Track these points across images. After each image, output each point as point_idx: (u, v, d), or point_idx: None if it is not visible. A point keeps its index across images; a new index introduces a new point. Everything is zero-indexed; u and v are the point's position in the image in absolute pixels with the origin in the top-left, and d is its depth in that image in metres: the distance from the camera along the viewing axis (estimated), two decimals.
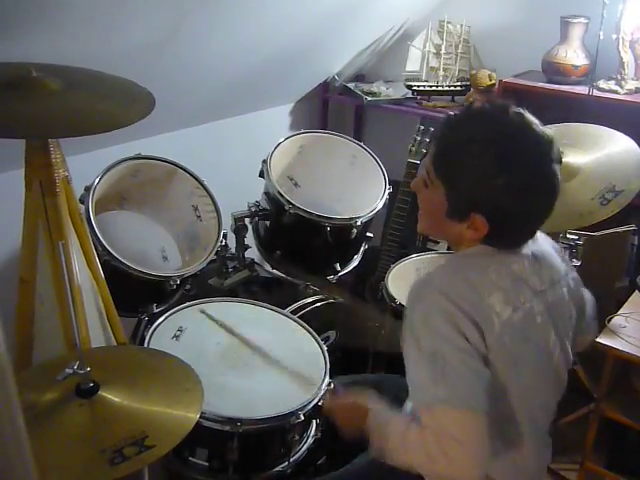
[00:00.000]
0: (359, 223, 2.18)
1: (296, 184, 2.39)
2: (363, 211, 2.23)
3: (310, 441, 1.74)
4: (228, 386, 1.63)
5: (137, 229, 2.12)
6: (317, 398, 1.63)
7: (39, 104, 1.31)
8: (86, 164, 1.94)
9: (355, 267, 2.43)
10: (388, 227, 2.55)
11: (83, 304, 1.52)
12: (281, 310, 1.95)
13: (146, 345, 1.67)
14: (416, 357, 1.16)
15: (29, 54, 1.52)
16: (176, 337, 1.74)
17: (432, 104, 2.88)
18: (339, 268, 2.35)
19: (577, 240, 1.96)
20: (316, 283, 2.31)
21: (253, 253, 2.40)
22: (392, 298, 2.16)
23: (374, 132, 3.37)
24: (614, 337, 1.89)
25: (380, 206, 2.28)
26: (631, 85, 2.40)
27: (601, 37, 2.20)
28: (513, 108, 1.18)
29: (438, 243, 2.88)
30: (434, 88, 2.90)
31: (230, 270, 2.28)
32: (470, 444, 1.09)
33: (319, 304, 2.14)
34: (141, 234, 2.12)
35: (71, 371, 1.22)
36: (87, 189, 1.86)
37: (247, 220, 2.28)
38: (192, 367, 1.39)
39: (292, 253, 2.31)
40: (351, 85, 3.10)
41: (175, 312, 1.83)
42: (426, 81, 2.94)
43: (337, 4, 2.45)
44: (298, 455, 1.70)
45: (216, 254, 2.11)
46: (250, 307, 1.94)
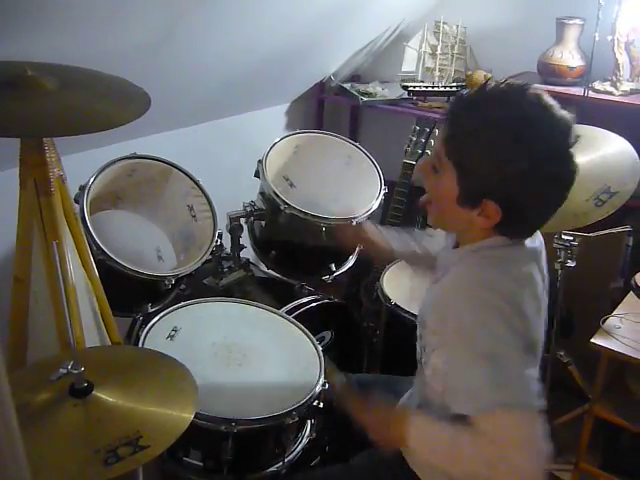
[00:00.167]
0: (355, 223, 2.18)
1: (291, 184, 2.38)
2: (359, 211, 2.23)
3: (305, 441, 1.74)
4: (223, 386, 1.62)
5: (132, 229, 2.11)
6: (312, 398, 1.63)
7: (34, 103, 1.30)
8: (81, 163, 1.93)
9: (350, 267, 2.43)
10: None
11: (77, 303, 1.52)
12: (276, 310, 1.95)
13: (141, 345, 1.66)
14: (470, 361, 1.11)
15: (24, 53, 1.52)
16: (171, 337, 1.74)
17: (428, 105, 2.89)
18: (334, 268, 2.35)
19: (572, 241, 1.97)
20: (311, 283, 2.31)
21: (248, 253, 2.39)
22: (387, 298, 2.17)
23: (370, 132, 3.37)
24: (609, 338, 1.89)
25: (376, 206, 2.28)
26: (626, 86, 2.41)
27: (596, 38, 2.20)
28: (531, 89, 1.12)
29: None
30: (430, 89, 2.90)
31: (225, 270, 2.27)
32: (533, 445, 1.05)
33: (314, 304, 2.14)
34: (136, 234, 2.11)
35: (65, 371, 1.22)
36: (82, 188, 1.85)
37: (242, 220, 2.28)
38: (187, 367, 1.39)
39: (287, 253, 2.31)
40: (347, 85, 3.10)
41: (170, 312, 1.82)
42: (422, 82, 2.94)
43: (333, 4, 2.45)
44: (293, 455, 1.70)
45: (211, 254, 2.11)
46: (245, 307, 1.94)
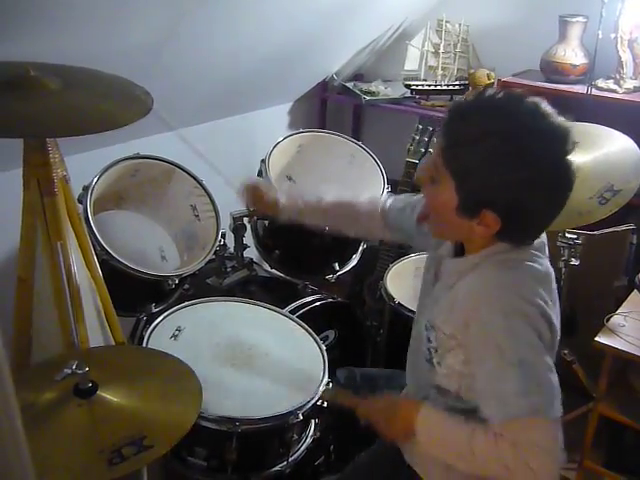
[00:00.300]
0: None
1: (295, 183, 2.38)
2: None
3: (309, 441, 1.74)
4: (227, 386, 1.62)
5: (135, 229, 2.12)
6: (316, 398, 1.63)
7: (37, 103, 1.30)
8: (84, 164, 1.93)
9: (354, 267, 2.43)
10: None
11: (81, 304, 1.52)
12: (280, 309, 1.95)
13: (144, 345, 1.67)
14: (499, 368, 1.11)
15: (27, 53, 1.52)
16: (174, 337, 1.74)
17: (431, 103, 2.88)
18: (338, 268, 2.35)
19: (576, 239, 1.96)
20: (315, 282, 2.31)
21: (252, 252, 2.39)
22: (391, 297, 2.16)
23: (373, 131, 3.36)
24: (613, 336, 1.89)
25: None
26: (629, 84, 2.40)
27: (600, 36, 2.20)
28: (528, 98, 1.12)
29: None
30: (433, 87, 2.90)
31: (229, 270, 2.28)
32: (555, 452, 1.06)
33: (318, 303, 2.14)
34: (139, 234, 2.12)
35: (69, 371, 1.22)
36: (85, 189, 1.86)
37: (246, 219, 2.28)
38: (190, 367, 1.39)
39: (291, 252, 2.31)
40: (350, 84, 3.10)
41: (173, 312, 1.83)
42: (425, 80, 2.94)
43: (336, 3, 2.45)
44: (297, 455, 1.70)
45: (215, 253, 2.11)
46: (248, 307, 1.94)
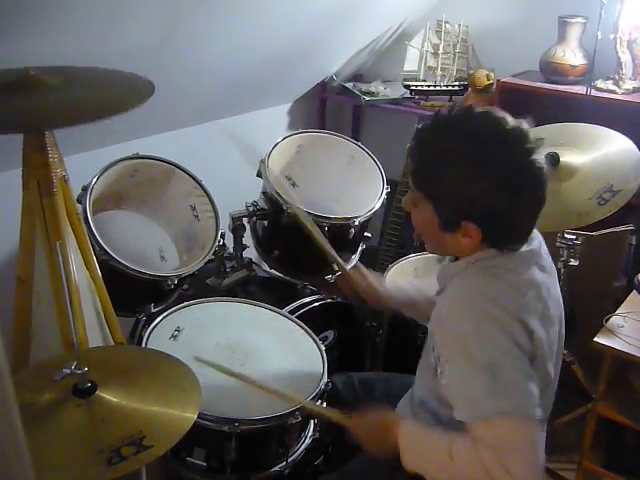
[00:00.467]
0: (357, 223, 2.18)
1: (294, 184, 2.38)
2: (361, 211, 2.23)
3: (308, 441, 1.74)
4: (226, 386, 1.62)
5: (135, 229, 2.12)
6: (315, 398, 1.63)
7: (37, 98, 1.30)
8: (84, 164, 1.93)
9: (353, 267, 2.43)
10: (386, 227, 2.55)
11: (81, 304, 1.52)
12: (279, 310, 1.95)
13: (144, 345, 1.67)
14: (468, 371, 1.15)
15: (28, 54, 1.52)
16: (174, 337, 1.74)
17: (430, 104, 2.88)
18: (337, 268, 2.35)
19: (575, 240, 1.96)
20: (314, 283, 2.31)
21: (251, 253, 2.39)
22: None
23: (372, 132, 3.37)
24: (612, 337, 1.89)
25: (378, 206, 2.27)
26: (629, 85, 2.41)
27: (599, 37, 2.20)
28: (476, 109, 1.18)
29: None
30: (432, 88, 2.89)
31: (228, 270, 2.28)
32: (531, 453, 1.09)
33: (317, 304, 2.14)
34: (139, 234, 2.12)
35: (69, 371, 1.22)
36: (85, 189, 1.86)
37: (245, 220, 2.27)
38: (190, 367, 1.39)
39: (290, 253, 2.30)
40: (349, 85, 3.10)
41: (173, 312, 1.83)
42: (424, 81, 2.94)
43: (335, 4, 2.45)
44: (296, 455, 1.70)
45: (214, 254, 2.11)
46: (248, 307, 1.94)
